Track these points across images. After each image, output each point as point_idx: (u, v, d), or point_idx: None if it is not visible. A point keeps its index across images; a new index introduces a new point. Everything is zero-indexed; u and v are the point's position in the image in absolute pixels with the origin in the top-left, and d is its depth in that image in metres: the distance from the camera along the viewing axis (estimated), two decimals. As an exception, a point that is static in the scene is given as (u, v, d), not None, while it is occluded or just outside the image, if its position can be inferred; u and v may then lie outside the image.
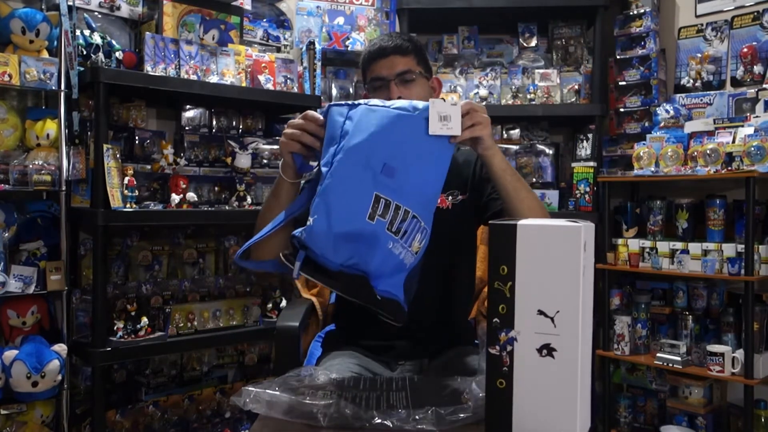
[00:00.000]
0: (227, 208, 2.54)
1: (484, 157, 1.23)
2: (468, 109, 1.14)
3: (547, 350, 0.82)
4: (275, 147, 2.70)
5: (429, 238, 1.11)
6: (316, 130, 1.17)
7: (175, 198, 2.35)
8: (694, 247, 2.45)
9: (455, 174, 1.44)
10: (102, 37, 2.32)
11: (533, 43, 3.06)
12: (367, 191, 1.06)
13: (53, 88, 2.18)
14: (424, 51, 1.52)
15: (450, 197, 1.46)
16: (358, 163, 1.07)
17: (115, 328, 2.22)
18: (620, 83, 2.94)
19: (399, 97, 1.37)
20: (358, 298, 1.09)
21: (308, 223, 1.06)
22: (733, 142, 2.40)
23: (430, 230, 1.11)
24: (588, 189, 2.78)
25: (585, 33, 3.04)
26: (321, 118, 1.17)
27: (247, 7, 2.73)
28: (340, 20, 3.02)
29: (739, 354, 2.30)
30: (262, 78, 2.61)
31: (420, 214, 1.09)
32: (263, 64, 2.62)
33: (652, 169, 2.56)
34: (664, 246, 2.54)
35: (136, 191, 2.24)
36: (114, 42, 2.36)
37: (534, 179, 2.98)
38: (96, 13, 2.40)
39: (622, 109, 2.95)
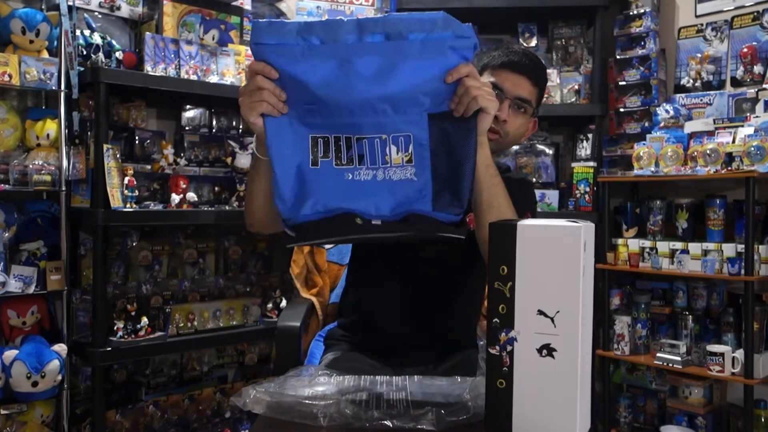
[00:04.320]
0: (227, 208, 2.54)
1: None
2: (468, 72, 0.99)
3: (547, 350, 0.82)
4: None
5: (423, 139, 1.00)
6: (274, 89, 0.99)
7: (175, 198, 2.36)
8: (694, 247, 2.45)
9: None
10: (102, 37, 2.33)
11: (533, 43, 3.05)
12: (300, 144, 1.00)
13: (53, 88, 2.18)
14: (544, 91, 1.42)
15: None
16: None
17: (115, 328, 2.22)
18: (620, 83, 2.94)
19: (504, 121, 1.30)
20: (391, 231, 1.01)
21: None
22: (733, 142, 2.40)
23: (422, 130, 1.00)
24: (588, 189, 2.78)
25: (585, 33, 3.04)
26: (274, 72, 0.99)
27: (247, 7, 2.73)
28: (340, 20, 3.01)
29: (739, 354, 2.30)
30: (262, 78, 2.61)
31: (374, 128, 1.00)
32: (263, 64, 2.62)
33: (652, 169, 2.56)
34: (664, 246, 2.54)
35: (136, 191, 2.24)
36: (114, 42, 2.36)
37: (534, 179, 2.98)
38: (96, 13, 2.40)
39: (622, 109, 2.95)
